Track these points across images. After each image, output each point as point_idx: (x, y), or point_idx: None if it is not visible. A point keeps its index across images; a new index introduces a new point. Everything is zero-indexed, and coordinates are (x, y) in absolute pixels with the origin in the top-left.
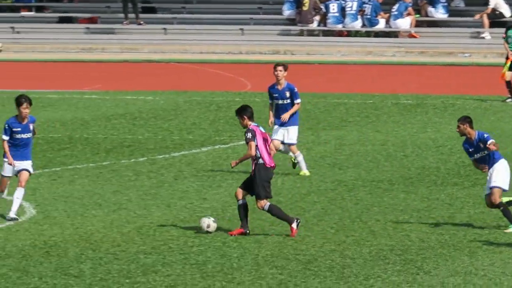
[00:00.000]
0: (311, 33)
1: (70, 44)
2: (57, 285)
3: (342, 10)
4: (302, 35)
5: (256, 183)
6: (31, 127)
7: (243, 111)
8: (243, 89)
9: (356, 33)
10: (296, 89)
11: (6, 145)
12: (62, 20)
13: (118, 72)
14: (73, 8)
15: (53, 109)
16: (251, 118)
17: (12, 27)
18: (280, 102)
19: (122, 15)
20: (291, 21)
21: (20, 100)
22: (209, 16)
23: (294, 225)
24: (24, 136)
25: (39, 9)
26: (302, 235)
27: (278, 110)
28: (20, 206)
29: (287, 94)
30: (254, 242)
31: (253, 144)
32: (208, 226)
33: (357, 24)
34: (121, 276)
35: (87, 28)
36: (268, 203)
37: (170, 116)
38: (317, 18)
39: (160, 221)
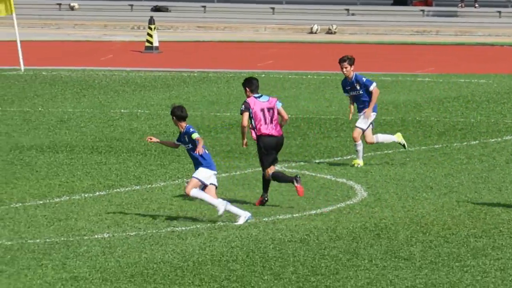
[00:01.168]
0: None
1: (404, 26)
2: (387, 267)
3: None
4: None
5: (258, 154)
6: (186, 138)
7: (246, 83)
8: None
9: None
10: (364, 78)
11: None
12: (396, 2)
13: (452, 55)
14: None
15: (386, 92)
16: (253, 90)
17: (347, 9)
18: (354, 93)
19: None
20: None
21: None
22: None
23: (296, 182)
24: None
25: None
26: None
27: (355, 101)
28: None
29: (357, 86)
30: None
31: (245, 114)
32: None
33: None
34: (451, 259)
35: (422, 10)
36: (272, 171)
37: (503, 99)
38: None
39: (491, 204)
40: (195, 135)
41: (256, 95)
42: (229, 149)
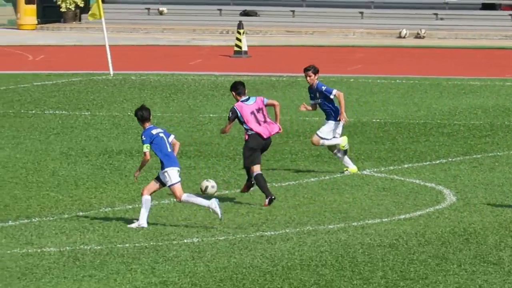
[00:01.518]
0: None
1: (493, 31)
2: (476, 272)
3: None
4: None
5: (243, 152)
6: None
7: (232, 88)
8: None
9: None
10: (324, 87)
11: None
12: (485, 7)
13: None
14: None
15: (475, 96)
16: (240, 94)
17: (436, 14)
18: (316, 101)
19: None
20: None
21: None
22: None
23: (267, 200)
24: None
25: None
26: None
27: (321, 109)
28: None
29: (317, 94)
30: None
31: (230, 124)
32: (212, 187)
33: None
34: None
35: (511, 15)
36: (257, 172)
37: None
38: None
39: None
40: (144, 148)
41: (243, 99)
42: (318, 154)
